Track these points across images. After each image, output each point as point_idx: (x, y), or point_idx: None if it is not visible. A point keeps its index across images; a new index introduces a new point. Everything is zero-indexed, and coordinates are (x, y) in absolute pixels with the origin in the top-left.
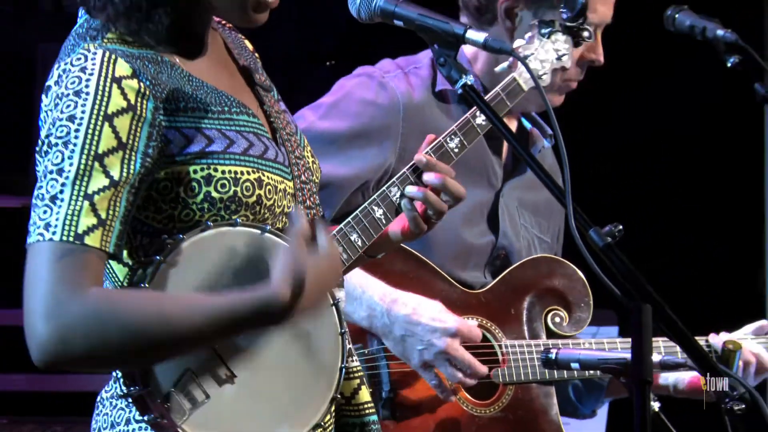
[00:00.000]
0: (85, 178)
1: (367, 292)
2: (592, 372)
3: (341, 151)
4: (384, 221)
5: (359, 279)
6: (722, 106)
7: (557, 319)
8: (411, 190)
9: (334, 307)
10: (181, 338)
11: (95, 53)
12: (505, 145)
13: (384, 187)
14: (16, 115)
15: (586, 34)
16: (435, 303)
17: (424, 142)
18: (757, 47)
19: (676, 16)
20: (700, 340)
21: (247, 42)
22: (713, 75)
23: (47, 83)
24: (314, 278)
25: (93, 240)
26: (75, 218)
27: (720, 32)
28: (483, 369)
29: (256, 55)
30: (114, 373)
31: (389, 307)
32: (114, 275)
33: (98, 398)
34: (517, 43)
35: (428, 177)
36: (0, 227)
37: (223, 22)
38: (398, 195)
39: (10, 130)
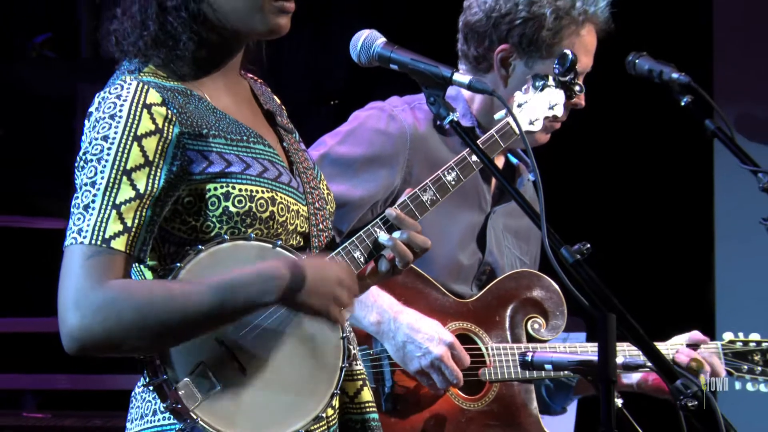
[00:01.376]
0: (114, 190)
1: (377, 302)
2: (565, 372)
3: (356, 174)
4: (377, 248)
5: (371, 290)
6: (676, 136)
7: (536, 326)
8: (383, 238)
9: None
10: (186, 311)
11: (130, 84)
12: None
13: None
14: (58, 147)
15: (577, 88)
16: (434, 320)
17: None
18: (706, 88)
19: (636, 61)
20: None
21: (275, 97)
22: (667, 108)
23: (89, 110)
24: (317, 271)
25: (119, 244)
26: (103, 225)
27: (675, 75)
28: (461, 382)
29: (283, 107)
30: (144, 369)
31: (395, 316)
32: (144, 279)
33: (132, 394)
34: (516, 93)
35: (395, 233)
36: (46, 246)
37: (256, 78)
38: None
39: (53, 161)
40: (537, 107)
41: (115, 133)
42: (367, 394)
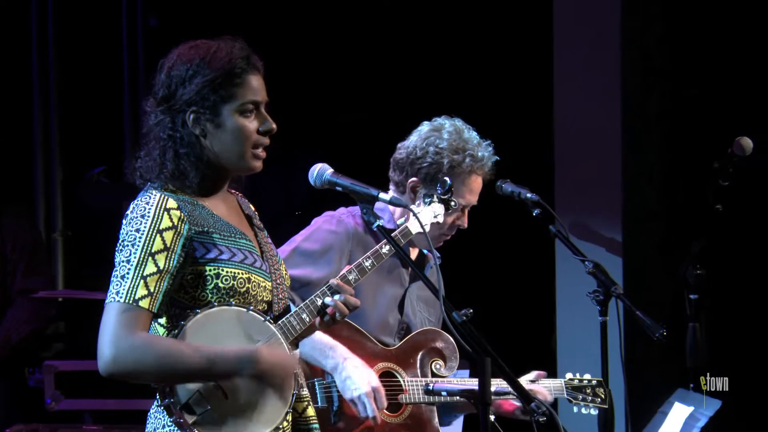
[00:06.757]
0: (142, 266)
1: (334, 349)
2: (457, 397)
3: (316, 262)
4: (321, 309)
5: (329, 341)
6: (530, 236)
7: (437, 366)
8: (328, 300)
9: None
10: (189, 367)
11: (155, 195)
12: None
13: (318, 292)
14: (110, 245)
15: (452, 203)
16: (370, 369)
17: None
18: (549, 203)
19: (503, 185)
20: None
21: (251, 206)
22: (524, 216)
23: (126, 212)
24: (275, 359)
25: (144, 303)
26: (134, 290)
27: (529, 195)
28: (379, 417)
29: (256, 212)
30: (156, 394)
31: (343, 361)
32: (157, 333)
33: (148, 413)
34: (412, 206)
35: (336, 296)
36: (99, 311)
37: (238, 192)
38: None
39: (105, 253)
40: (426, 215)
41: (144, 226)
42: (310, 411)
